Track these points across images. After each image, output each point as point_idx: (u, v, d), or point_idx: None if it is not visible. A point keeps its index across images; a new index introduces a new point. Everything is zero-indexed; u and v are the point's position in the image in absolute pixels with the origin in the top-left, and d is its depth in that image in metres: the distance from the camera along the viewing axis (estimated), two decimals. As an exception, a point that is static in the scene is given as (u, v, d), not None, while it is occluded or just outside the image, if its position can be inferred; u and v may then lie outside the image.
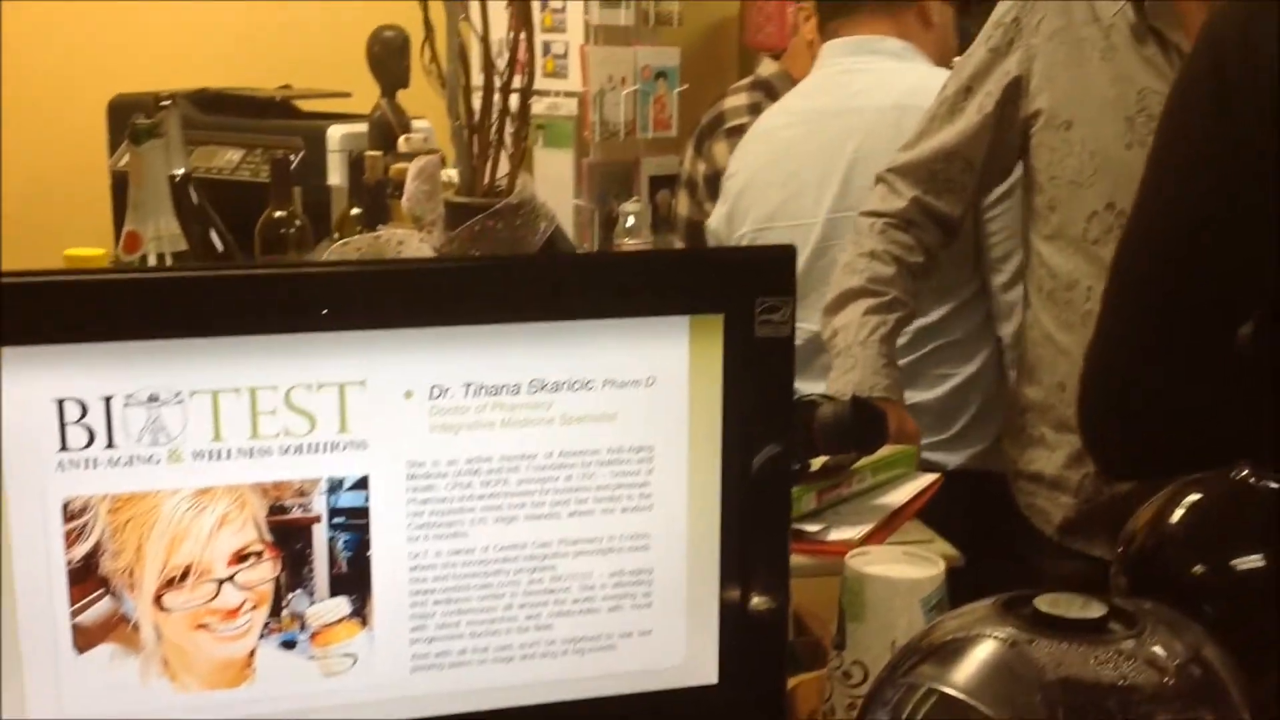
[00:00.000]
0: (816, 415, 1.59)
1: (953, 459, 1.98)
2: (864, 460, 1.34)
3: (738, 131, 2.66)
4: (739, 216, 2.19)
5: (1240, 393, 0.84)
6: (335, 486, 0.76)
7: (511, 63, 1.23)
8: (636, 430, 0.81)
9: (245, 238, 1.87)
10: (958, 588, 0.90)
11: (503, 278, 0.81)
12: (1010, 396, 1.79)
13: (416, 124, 2.20)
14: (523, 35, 1.25)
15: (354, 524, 0.77)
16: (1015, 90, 1.63)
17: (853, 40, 2.11)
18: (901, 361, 1.81)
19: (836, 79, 2.12)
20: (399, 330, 0.76)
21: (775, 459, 0.85)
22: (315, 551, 0.76)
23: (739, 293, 0.83)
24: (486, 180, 1.28)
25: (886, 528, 1.27)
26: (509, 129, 1.27)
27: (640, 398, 0.81)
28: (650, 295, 0.81)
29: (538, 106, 2.91)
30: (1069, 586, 0.68)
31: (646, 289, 0.82)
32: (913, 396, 1.88)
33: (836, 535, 1.22)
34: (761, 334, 0.84)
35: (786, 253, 0.85)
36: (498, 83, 1.24)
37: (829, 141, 2.05)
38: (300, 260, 1.84)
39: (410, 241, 1.37)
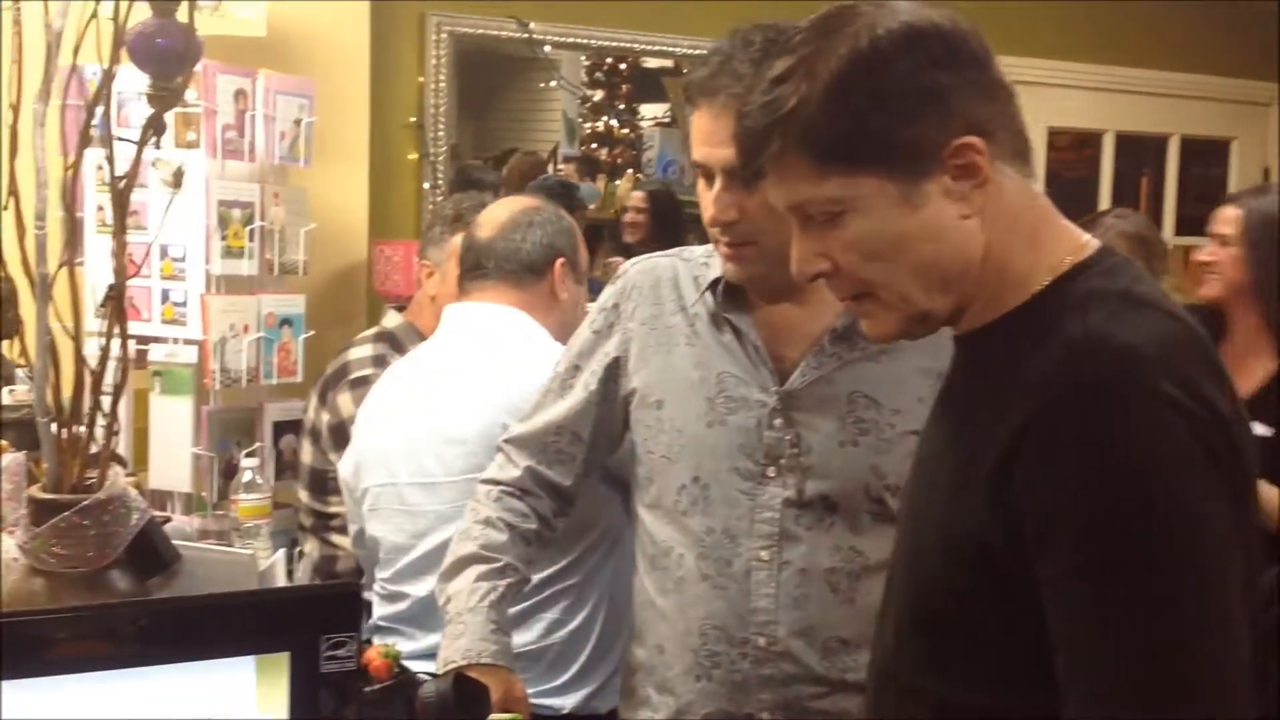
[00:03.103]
0: (419, 695, 1.60)
1: (567, 702, 2.03)
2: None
3: (362, 383, 2.69)
4: (365, 469, 2.21)
5: None
6: None
7: (103, 360, 1.22)
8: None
9: None
10: None
11: (59, 627, 0.80)
12: (624, 654, 1.85)
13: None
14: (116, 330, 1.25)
15: None
16: (615, 370, 1.75)
17: (477, 305, 2.20)
18: (522, 607, 1.84)
19: (454, 343, 2.20)
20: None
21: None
22: None
23: (305, 630, 0.85)
24: (75, 476, 1.25)
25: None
26: (100, 423, 1.24)
27: (208, 738, 0.81)
28: (215, 638, 0.82)
29: (155, 354, 2.84)
30: None
31: (212, 631, 0.82)
32: (525, 642, 1.93)
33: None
34: (327, 669, 0.86)
35: (352, 590, 0.89)
36: (89, 379, 1.22)
37: (437, 407, 2.12)
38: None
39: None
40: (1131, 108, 4.42)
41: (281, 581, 1.62)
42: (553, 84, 4.09)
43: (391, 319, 2.86)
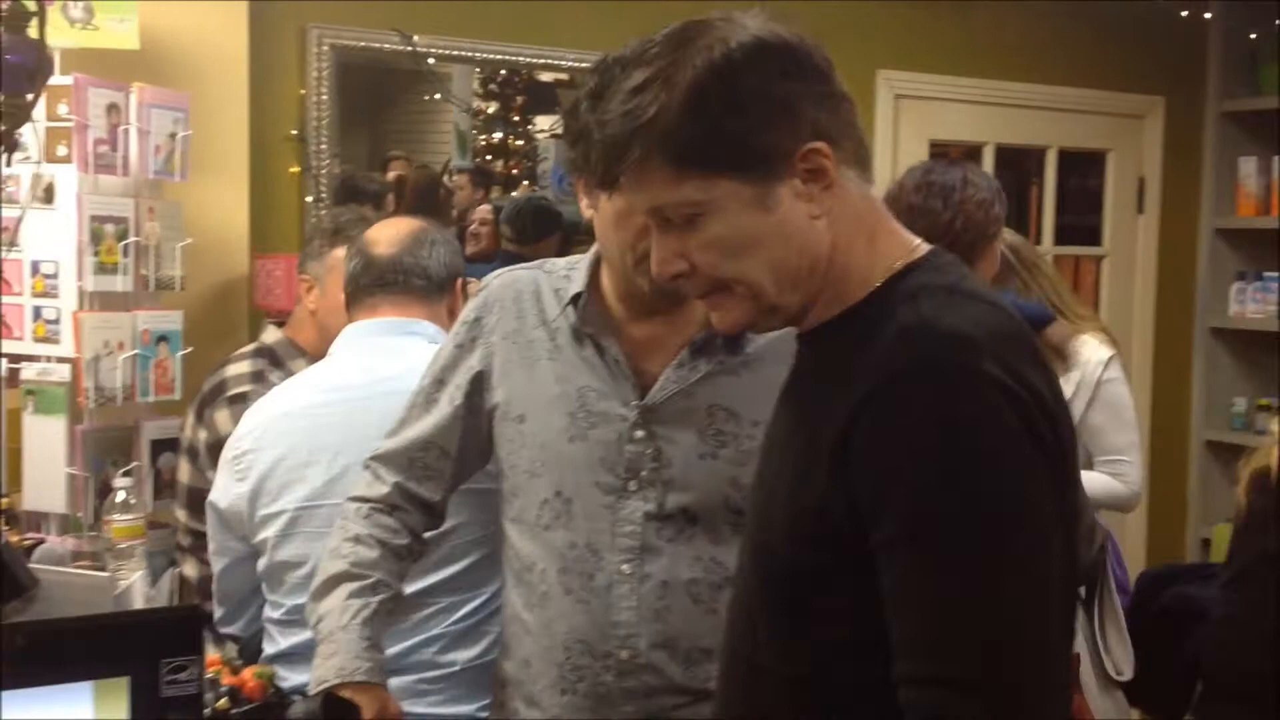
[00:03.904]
0: (288, 716, 1.59)
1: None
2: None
3: (240, 399, 2.66)
4: (269, 495, 2.12)
5: None
6: None
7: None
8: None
9: None
10: None
11: None
12: (495, 669, 1.85)
13: None
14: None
15: None
16: (479, 384, 1.75)
17: (385, 321, 2.17)
18: (467, 624, 1.85)
19: (370, 360, 2.14)
20: None
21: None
22: None
23: (144, 655, 0.84)
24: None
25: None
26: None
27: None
28: (51, 663, 0.81)
29: (28, 373, 2.79)
30: None
31: (48, 657, 0.82)
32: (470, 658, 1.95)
33: None
34: (168, 694, 0.86)
35: (193, 613, 0.88)
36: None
37: (369, 423, 2.02)
38: None
39: None
40: (1011, 120, 4.52)
41: (139, 604, 1.60)
42: (437, 96, 4.07)
43: (270, 334, 2.83)
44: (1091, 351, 2.84)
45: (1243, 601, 2.20)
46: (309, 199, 3.44)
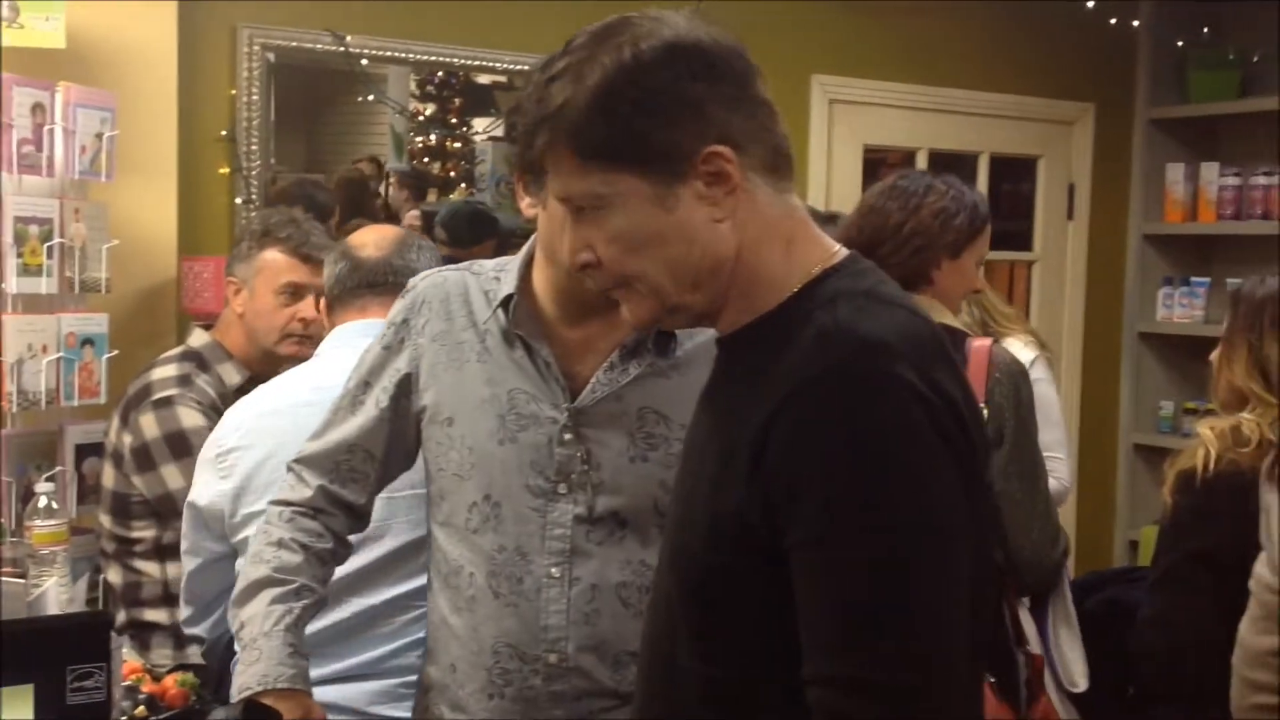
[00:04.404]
0: (206, 723, 1.56)
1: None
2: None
3: (166, 403, 2.63)
4: (254, 493, 2.10)
5: None
6: None
7: None
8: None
9: None
10: None
11: None
12: (420, 674, 1.84)
13: None
14: None
15: None
16: (407, 386, 1.74)
17: (375, 322, 2.11)
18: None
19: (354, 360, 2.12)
20: None
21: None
22: None
23: (50, 661, 0.83)
24: None
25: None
26: None
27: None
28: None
29: (-54, 377, 2.73)
30: None
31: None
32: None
33: None
34: (74, 701, 0.85)
35: (101, 619, 0.86)
36: None
37: None
38: None
39: None
40: (945, 126, 4.56)
41: (54, 610, 1.57)
42: (370, 98, 4.03)
43: (198, 338, 2.80)
44: (1016, 354, 2.88)
45: (1168, 602, 2.23)
46: (238, 200, 3.40)
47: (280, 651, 1.66)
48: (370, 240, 2.28)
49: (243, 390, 2.72)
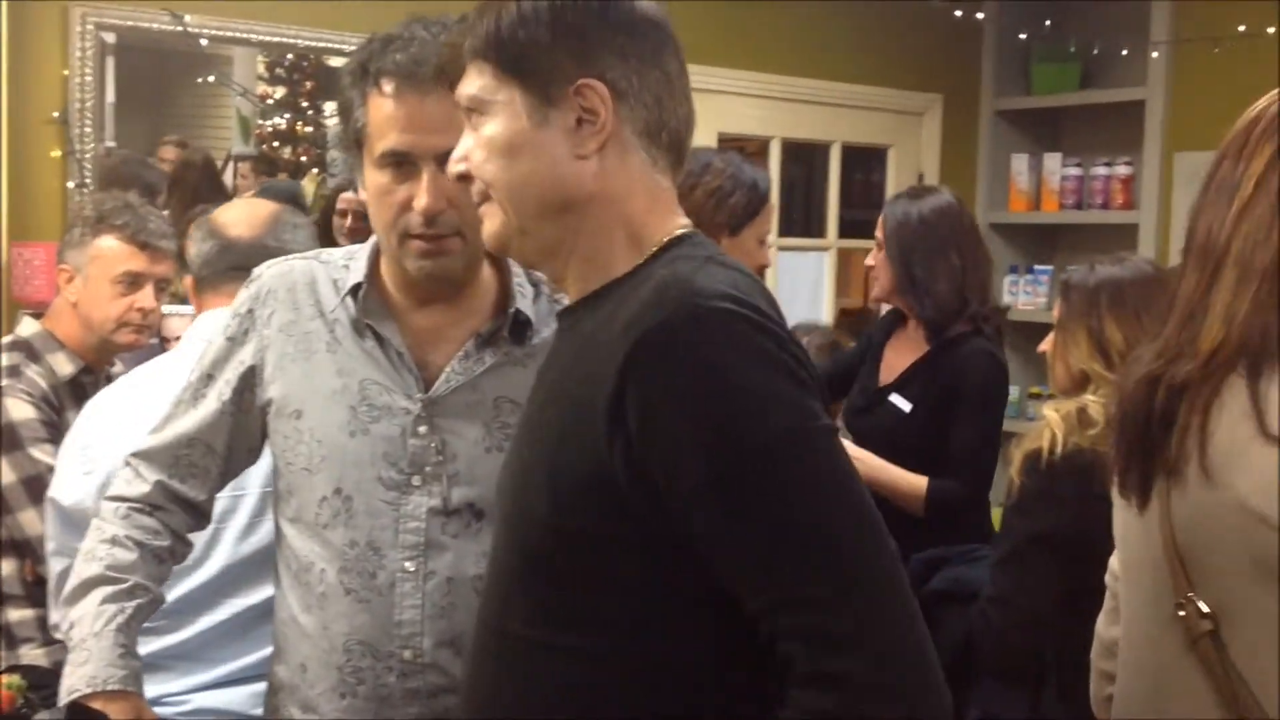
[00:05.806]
0: (32, 728, 1.49)
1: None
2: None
3: (-7, 396, 2.50)
4: None
5: None
6: None
7: None
8: None
9: None
10: None
11: None
12: (268, 675, 1.77)
13: None
14: None
15: None
16: (251, 379, 1.67)
17: None
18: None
19: None
20: None
21: None
22: None
23: None
24: None
25: None
26: None
27: None
28: None
29: None
30: None
31: None
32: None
33: None
34: None
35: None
36: None
37: None
38: None
39: None
40: (797, 116, 4.61)
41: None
42: (211, 79, 3.90)
43: (27, 326, 2.67)
44: None
45: (1010, 582, 2.27)
46: (71, 184, 3.25)
47: (110, 652, 1.59)
48: (242, 218, 2.15)
49: (75, 381, 2.61)
